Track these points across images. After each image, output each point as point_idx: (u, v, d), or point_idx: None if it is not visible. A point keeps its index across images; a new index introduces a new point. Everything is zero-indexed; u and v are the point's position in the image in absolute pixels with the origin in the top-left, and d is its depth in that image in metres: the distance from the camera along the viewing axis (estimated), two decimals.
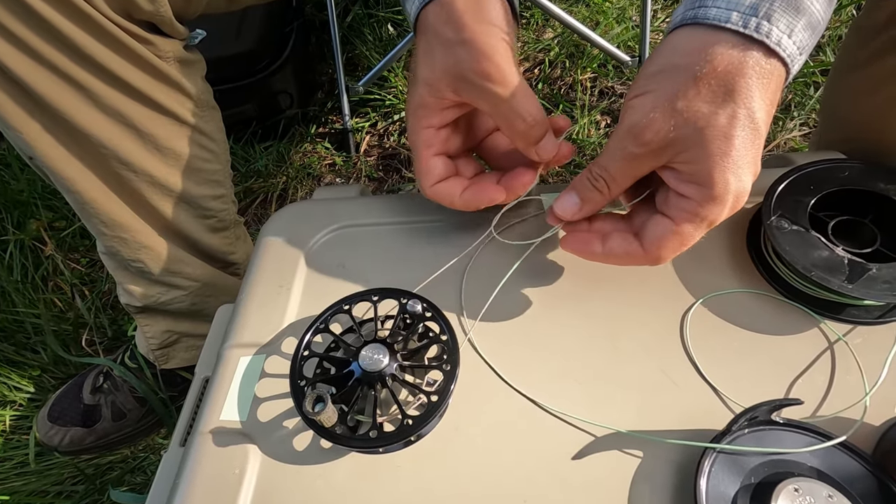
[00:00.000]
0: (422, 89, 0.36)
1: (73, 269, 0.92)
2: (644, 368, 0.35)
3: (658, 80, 0.30)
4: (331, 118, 1.10)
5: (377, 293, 0.36)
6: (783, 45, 0.28)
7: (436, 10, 0.34)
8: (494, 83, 0.33)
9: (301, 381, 0.33)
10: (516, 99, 0.33)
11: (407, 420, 0.31)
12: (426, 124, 0.37)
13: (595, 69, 1.07)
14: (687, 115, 0.29)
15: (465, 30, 0.33)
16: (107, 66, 0.43)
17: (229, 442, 0.34)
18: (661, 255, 0.32)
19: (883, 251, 0.37)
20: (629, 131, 0.30)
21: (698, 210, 0.30)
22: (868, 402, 0.32)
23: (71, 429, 0.71)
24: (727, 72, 0.28)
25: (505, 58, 0.33)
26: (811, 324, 0.36)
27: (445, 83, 0.34)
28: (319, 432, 0.31)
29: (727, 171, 0.29)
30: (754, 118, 0.28)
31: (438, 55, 0.34)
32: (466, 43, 0.33)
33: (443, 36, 0.34)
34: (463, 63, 0.33)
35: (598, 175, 0.33)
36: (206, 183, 0.55)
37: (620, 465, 0.31)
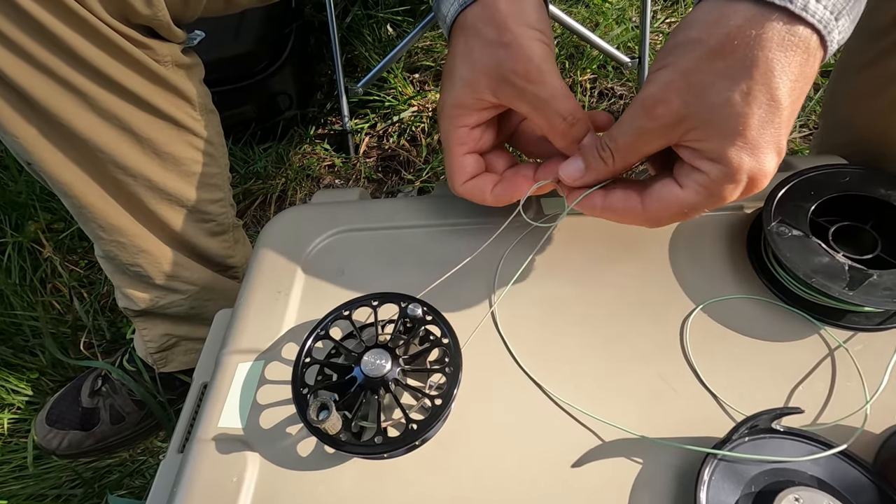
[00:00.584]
0: (460, 89, 0.35)
1: (72, 271, 0.92)
2: (643, 374, 0.35)
3: (676, 53, 0.28)
4: (330, 119, 1.09)
5: (377, 298, 0.36)
6: (810, 9, 0.25)
7: (477, 11, 0.34)
8: (535, 84, 0.33)
9: (304, 389, 0.33)
10: (557, 100, 0.33)
11: (411, 425, 0.31)
12: (461, 123, 0.36)
13: (595, 70, 1.07)
14: (700, 90, 0.27)
15: (507, 32, 0.33)
16: (104, 70, 0.43)
17: (228, 449, 0.34)
18: (659, 217, 0.32)
19: (884, 257, 0.37)
20: (642, 104, 0.30)
21: (709, 184, 0.29)
22: (868, 410, 0.32)
23: (69, 432, 0.71)
24: (744, 44, 0.26)
25: (546, 60, 0.33)
26: (811, 330, 0.36)
27: (485, 84, 0.34)
28: (324, 440, 0.31)
29: (742, 151, 0.28)
30: (774, 95, 0.27)
31: (479, 56, 0.34)
32: (508, 45, 0.33)
33: (484, 37, 0.34)
34: (504, 64, 0.33)
35: (606, 145, 0.32)
36: (204, 187, 0.55)
37: (622, 470, 0.31)
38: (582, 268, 0.40)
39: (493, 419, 0.34)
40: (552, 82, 0.33)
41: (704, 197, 0.30)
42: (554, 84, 0.33)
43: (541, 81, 0.33)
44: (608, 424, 0.32)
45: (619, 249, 0.41)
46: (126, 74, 0.44)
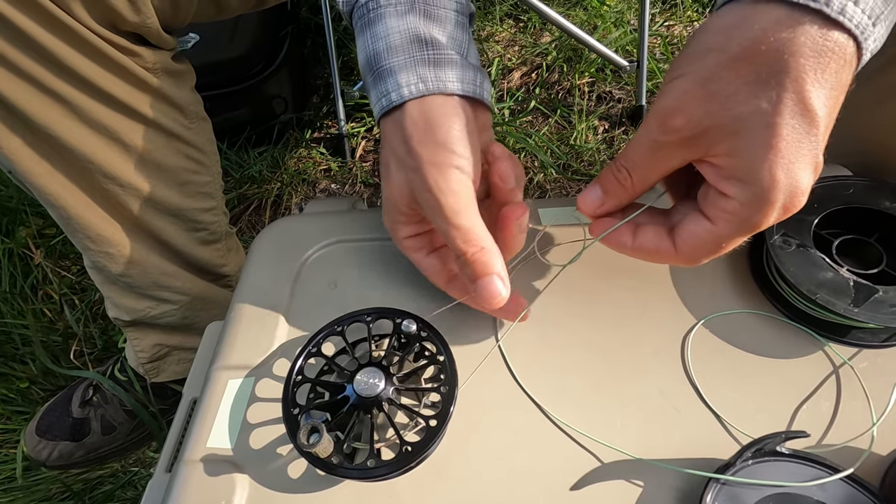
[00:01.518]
0: (386, 204, 0.35)
1: (63, 276, 0.90)
2: (644, 393, 0.34)
3: (692, 61, 0.26)
4: (326, 123, 1.08)
5: (371, 313, 0.36)
6: (848, 14, 0.23)
7: (390, 126, 0.34)
8: (439, 217, 0.31)
9: (294, 410, 0.32)
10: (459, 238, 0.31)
11: (406, 447, 0.30)
12: (403, 235, 0.36)
13: (593, 73, 1.06)
14: (723, 99, 0.25)
15: (412, 155, 0.32)
16: (90, 79, 0.42)
17: (217, 470, 0.33)
18: (694, 257, 0.29)
19: (889, 272, 0.36)
20: (656, 116, 0.27)
21: (740, 211, 0.26)
22: (875, 432, 0.31)
23: (59, 443, 0.70)
24: (774, 49, 0.24)
25: (449, 189, 0.31)
26: (815, 346, 0.35)
27: (403, 202, 0.34)
28: (315, 464, 0.30)
29: (776, 167, 0.25)
30: (808, 104, 0.24)
31: (393, 174, 0.34)
32: (415, 170, 0.32)
33: (397, 154, 0.33)
34: (413, 185, 0.32)
35: (622, 167, 0.30)
36: (195, 195, 0.54)
37: (622, 493, 0.30)
38: (581, 282, 0.39)
39: (491, 439, 0.33)
40: (452, 216, 0.31)
41: (737, 226, 0.27)
42: (453, 217, 0.31)
43: (440, 214, 0.31)
44: (608, 447, 0.32)
45: (618, 262, 0.40)
46: (114, 83, 0.43)
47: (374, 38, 0.34)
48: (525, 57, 1.12)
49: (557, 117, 1.02)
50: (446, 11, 0.35)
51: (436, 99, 0.33)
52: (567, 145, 0.98)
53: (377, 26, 0.34)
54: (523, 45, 1.14)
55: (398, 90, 0.33)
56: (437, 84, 0.33)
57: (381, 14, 0.34)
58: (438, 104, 0.33)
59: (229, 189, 0.98)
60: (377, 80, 0.34)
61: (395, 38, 0.33)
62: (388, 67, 0.33)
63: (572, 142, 0.98)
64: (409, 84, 0.33)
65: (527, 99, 1.06)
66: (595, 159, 0.96)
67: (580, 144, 0.98)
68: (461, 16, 0.36)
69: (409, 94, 0.33)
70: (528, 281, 0.39)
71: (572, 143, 0.98)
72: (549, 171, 0.95)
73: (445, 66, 0.33)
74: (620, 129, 1.01)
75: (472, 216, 0.32)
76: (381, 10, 0.34)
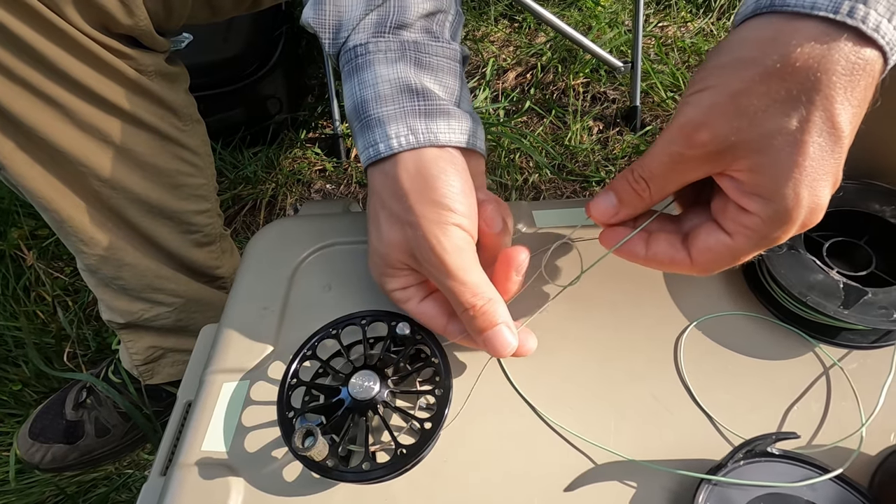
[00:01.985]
0: (375, 258, 0.34)
1: (56, 278, 0.90)
2: (637, 395, 0.34)
3: (721, 74, 0.25)
4: (321, 123, 1.08)
5: (365, 316, 0.36)
6: (882, 31, 0.23)
7: (380, 176, 0.32)
8: (441, 274, 0.31)
9: (289, 413, 0.32)
10: (463, 293, 0.31)
11: (400, 450, 0.30)
12: (391, 288, 0.35)
13: (588, 74, 1.07)
14: (752, 115, 0.24)
15: (410, 212, 0.31)
16: (83, 82, 0.41)
17: (212, 474, 0.33)
18: (710, 268, 0.29)
19: (878, 274, 0.36)
20: (681, 129, 0.26)
21: (761, 227, 0.26)
22: (864, 433, 0.31)
23: (53, 446, 0.69)
24: (807, 66, 0.23)
25: (453, 246, 0.31)
26: (806, 348, 0.36)
27: (396, 257, 0.33)
28: (310, 467, 0.30)
29: (800, 185, 0.25)
30: (835, 122, 0.24)
31: (385, 228, 0.33)
32: (413, 226, 0.31)
33: (390, 209, 0.32)
34: (412, 243, 0.31)
35: (640, 177, 0.29)
36: (189, 198, 0.53)
37: (615, 494, 0.31)
38: (575, 285, 0.39)
39: (486, 441, 0.33)
40: (456, 273, 0.31)
41: (756, 242, 0.27)
42: (457, 275, 0.31)
43: (444, 272, 0.31)
44: (601, 448, 0.32)
45: (612, 265, 0.40)
46: (107, 85, 0.43)
47: (361, 86, 0.33)
48: (520, 57, 1.12)
49: (552, 118, 1.02)
50: (438, 59, 0.34)
51: (430, 152, 0.32)
52: (562, 146, 0.99)
53: (365, 73, 0.33)
54: (518, 46, 1.15)
55: (387, 141, 0.32)
56: (427, 136, 0.32)
57: (370, 60, 0.33)
58: (433, 158, 0.32)
59: (224, 190, 0.98)
60: (364, 129, 0.33)
61: (385, 87, 0.32)
62: (377, 117, 0.32)
63: (567, 142, 0.98)
64: (399, 136, 0.32)
65: (522, 99, 1.06)
66: (590, 160, 0.97)
67: (575, 145, 0.98)
68: (453, 62, 0.35)
69: (398, 146, 0.32)
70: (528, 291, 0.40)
71: (567, 143, 0.98)
72: (543, 172, 0.95)
73: (437, 116, 0.32)
74: (615, 129, 1.01)
75: (477, 271, 0.31)
76: (370, 56, 0.33)
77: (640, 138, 0.97)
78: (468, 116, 0.34)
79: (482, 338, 0.31)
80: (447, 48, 0.35)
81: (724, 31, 1.14)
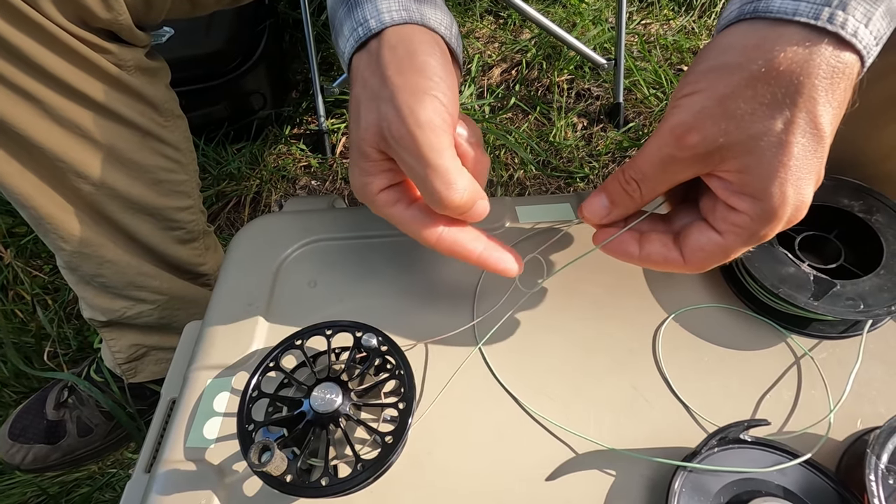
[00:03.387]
0: (355, 154, 0.31)
1: (35, 276, 0.88)
2: (617, 385, 0.35)
3: (709, 78, 0.26)
4: (306, 119, 1.08)
5: (331, 326, 0.35)
6: (859, 36, 0.24)
7: (365, 57, 0.31)
8: (408, 152, 0.28)
9: (249, 426, 0.31)
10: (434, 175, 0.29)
11: (360, 464, 0.30)
12: (375, 189, 0.32)
13: (572, 71, 1.08)
14: (739, 118, 0.25)
15: (387, 83, 0.29)
16: (61, 76, 0.41)
17: (196, 471, 0.33)
18: (702, 266, 0.30)
19: (847, 266, 0.37)
20: (672, 132, 0.27)
21: (750, 225, 0.27)
22: (832, 419, 0.32)
23: (34, 446, 0.68)
24: (790, 71, 0.24)
25: (427, 119, 0.28)
26: (779, 338, 0.37)
27: (370, 143, 0.30)
28: (268, 482, 0.29)
29: (785, 184, 0.26)
30: (818, 123, 0.25)
31: (364, 110, 0.30)
32: (387, 100, 0.29)
33: (369, 88, 0.30)
34: (383, 121, 0.29)
35: (631, 178, 0.30)
36: (171, 194, 0.53)
37: (595, 483, 0.31)
38: (556, 278, 0.40)
39: (464, 433, 0.33)
40: (428, 153, 0.28)
41: (746, 239, 0.28)
42: (431, 156, 0.28)
43: (412, 149, 0.28)
44: (581, 438, 0.33)
45: (592, 258, 0.41)
46: (85, 80, 0.42)
47: None
48: (505, 53, 1.13)
49: (537, 114, 1.03)
50: None
51: (416, 29, 0.30)
52: (546, 142, 0.99)
53: None
54: (503, 42, 1.15)
55: (378, 16, 0.30)
56: (418, 16, 0.30)
57: None
58: (419, 33, 0.30)
59: (207, 186, 0.97)
60: (352, 9, 0.31)
61: None
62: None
63: (552, 138, 0.99)
64: (391, 10, 0.30)
65: (507, 96, 1.06)
66: (574, 156, 0.98)
67: (559, 141, 0.99)
68: None
69: (389, 19, 0.30)
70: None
71: (552, 139, 0.99)
72: (528, 168, 0.96)
73: (427, 4, 0.31)
74: (599, 126, 1.02)
75: (451, 155, 0.29)
76: None
77: (623, 135, 0.99)
78: (451, 17, 0.33)
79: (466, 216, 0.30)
80: None
81: (706, 28, 1.16)
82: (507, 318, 0.37)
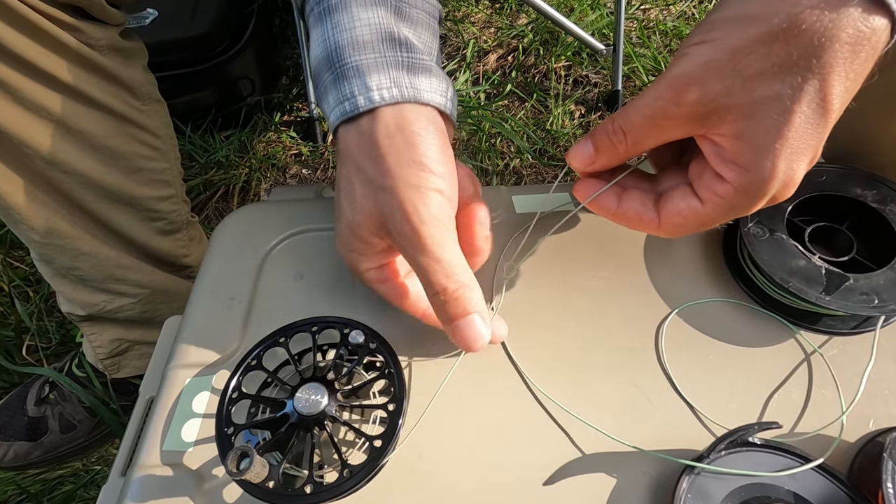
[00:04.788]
0: (345, 233, 0.31)
1: (17, 268, 0.85)
2: (618, 384, 0.33)
3: (725, 27, 0.24)
4: (296, 106, 1.05)
5: (316, 322, 0.33)
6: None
7: (355, 137, 0.29)
8: (412, 247, 0.28)
9: (228, 429, 0.30)
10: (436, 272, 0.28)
11: (347, 470, 0.28)
12: (364, 268, 0.32)
13: (569, 57, 1.05)
14: (747, 77, 0.23)
15: (387, 175, 0.28)
16: (27, 56, 0.38)
17: (172, 476, 0.31)
18: (676, 231, 0.29)
19: (859, 259, 0.36)
20: (671, 83, 0.25)
21: (733, 197, 0.26)
22: (845, 421, 0.31)
23: (14, 443, 0.66)
24: (812, 30, 0.22)
25: (430, 217, 0.28)
26: (787, 335, 0.35)
27: (369, 230, 0.30)
28: (247, 490, 0.28)
29: (779, 158, 0.24)
30: (827, 95, 0.23)
31: (359, 195, 0.29)
32: (388, 191, 0.28)
33: (364, 172, 0.29)
34: (385, 213, 0.28)
35: (619, 128, 0.27)
36: (150, 183, 0.50)
37: (595, 485, 0.30)
38: (553, 271, 0.38)
39: (458, 435, 0.32)
40: (431, 248, 0.28)
41: (726, 211, 0.26)
42: (432, 250, 0.28)
43: (418, 246, 0.28)
44: (593, 428, 0.31)
45: (592, 251, 0.39)
46: (53, 61, 0.40)
47: (336, 29, 0.29)
48: (501, 39, 1.10)
49: (534, 101, 1.01)
50: (418, 12, 0.31)
51: (411, 108, 0.29)
52: (543, 130, 0.97)
53: (340, 15, 0.29)
54: (499, 27, 1.12)
55: (367, 94, 0.28)
56: (412, 92, 0.29)
57: (345, 2, 0.29)
58: (414, 115, 0.29)
59: (194, 175, 0.94)
60: (338, 80, 0.29)
61: (364, 31, 0.29)
62: (355, 66, 0.29)
63: (548, 126, 0.97)
64: (381, 88, 0.28)
65: (503, 82, 1.04)
66: (571, 144, 0.95)
67: (556, 129, 0.97)
68: (432, 19, 0.33)
69: (379, 99, 0.28)
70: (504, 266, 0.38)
71: (548, 127, 0.97)
72: (525, 157, 0.93)
73: (420, 72, 0.30)
74: (597, 114, 1.00)
75: (455, 249, 0.29)
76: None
77: None
78: (446, 79, 0.32)
79: (452, 326, 0.29)
80: (427, 2, 0.32)
81: (706, 14, 1.13)
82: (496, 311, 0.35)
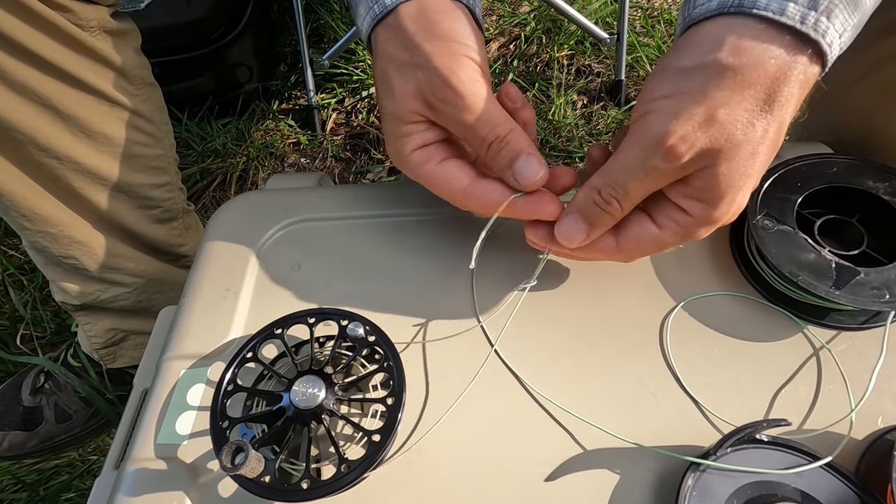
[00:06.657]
0: (390, 122, 0.31)
1: (11, 256, 0.84)
2: (621, 379, 0.33)
3: (694, 79, 0.25)
4: (294, 93, 1.03)
5: (314, 314, 0.32)
6: (833, 48, 0.24)
7: (385, 33, 0.31)
8: (456, 109, 0.29)
9: (223, 423, 0.29)
10: (481, 123, 0.29)
11: (345, 465, 0.27)
12: (411, 148, 0.31)
13: (572, 46, 1.03)
14: (729, 126, 0.25)
15: (418, 52, 0.29)
16: (15, 38, 0.37)
17: (166, 469, 0.31)
18: (632, 255, 0.31)
19: (869, 253, 0.35)
20: (657, 143, 0.25)
21: (690, 225, 0.28)
22: (854, 418, 0.30)
23: (9, 433, 0.66)
24: (775, 77, 0.24)
25: (468, 76, 0.29)
26: (794, 329, 0.34)
27: (410, 108, 0.30)
28: (243, 485, 0.27)
29: (740, 192, 0.26)
30: (781, 134, 0.25)
31: (397, 82, 0.30)
32: (422, 66, 0.29)
33: (396, 60, 0.30)
34: (423, 87, 0.29)
35: (611, 197, 0.28)
36: (145, 170, 0.49)
37: (598, 482, 0.29)
38: (559, 265, 0.37)
39: (458, 429, 0.31)
40: (475, 104, 0.29)
41: (683, 236, 0.29)
42: (476, 105, 0.29)
43: (462, 105, 0.29)
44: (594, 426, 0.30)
45: None
46: (43, 42, 0.38)
47: None
48: (503, 27, 1.08)
49: (535, 91, 0.99)
50: None
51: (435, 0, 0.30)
52: (545, 120, 0.96)
53: None
54: (501, 15, 1.10)
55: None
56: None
57: None
58: (438, 3, 0.30)
59: (191, 163, 0.93)
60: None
61: None
62: None
63: (550, 117, 0.95)
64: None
65: (504, 71, 1.02)
66: (573, 135, 0.94)
67: (558, 119, 0.95)
68: None
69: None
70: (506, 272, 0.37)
71: (550, 118, 0.95)
72: None
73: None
74: (599, 104, 0.98)
75: (496, 104, 0.30)
76: None
77: (624, 113, 0.95)
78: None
79: (513, 170, 0.29)
80: None
81: None
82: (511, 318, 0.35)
